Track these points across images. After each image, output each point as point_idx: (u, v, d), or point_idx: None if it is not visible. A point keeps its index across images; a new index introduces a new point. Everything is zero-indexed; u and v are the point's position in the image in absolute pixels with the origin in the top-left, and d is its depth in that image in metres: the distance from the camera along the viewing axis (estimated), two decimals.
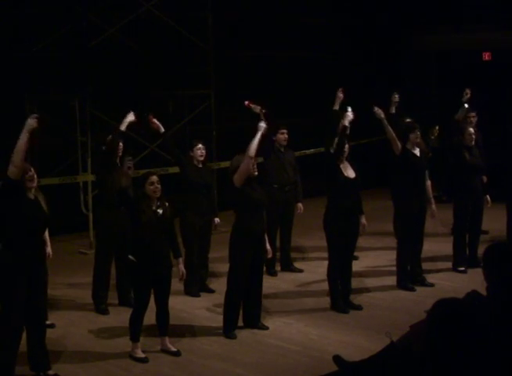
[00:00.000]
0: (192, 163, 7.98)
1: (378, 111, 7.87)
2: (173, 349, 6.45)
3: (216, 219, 8.26)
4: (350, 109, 7.51)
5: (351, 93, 9.26)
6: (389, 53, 14.88)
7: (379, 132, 8.54)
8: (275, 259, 8.60)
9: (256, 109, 7.61)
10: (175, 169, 8.81)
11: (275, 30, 13.50)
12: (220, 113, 11.77)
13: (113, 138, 7.50)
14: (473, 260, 8.70)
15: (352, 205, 7.40)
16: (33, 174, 5.72)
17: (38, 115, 5.58)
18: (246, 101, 7.79)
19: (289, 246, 9.12)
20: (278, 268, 8.96)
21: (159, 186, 6.32)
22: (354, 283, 7.77)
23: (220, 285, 7.89)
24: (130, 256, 6.36)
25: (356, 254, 8.59)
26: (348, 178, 7.39)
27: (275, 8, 13.48)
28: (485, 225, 9.35)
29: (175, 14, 11.46)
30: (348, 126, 7.48)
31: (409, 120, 8.96)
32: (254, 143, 6.67)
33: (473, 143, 8.69)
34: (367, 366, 3.52)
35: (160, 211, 6.31)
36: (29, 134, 5.45)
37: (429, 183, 8.30)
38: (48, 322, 6.52)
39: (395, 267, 8.24)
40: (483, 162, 8.88)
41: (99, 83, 10.34)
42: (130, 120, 7.61)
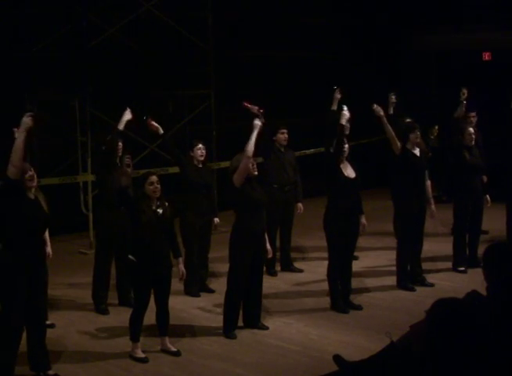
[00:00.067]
0: (192, 163, 7.98)
1: (377, 108, 7.86)
2: (173, 349, 6.45)
3: (216, 219, 8.26)
4: (346, 107, 7.51)
5: (351, 93, 9.26)
6: (389, 53, 14.88)
7: (379, 132, 8.54)
8: (275, 259, 8.60)
9: (253, 109, 7.61)
10: (175, 169, 8.81)
11: (275, 30, 13.49)
12: (220, 113, 11.77)
13: (112, 138, 7.51)
14: (473, 260, 8.70)
15: (352, 205, 7.39)
16: (33, 174, 5.72)
17: (34, 113, 5.57)
18: (243, 102, 7.80)
19: (289, 246, 9.12)
20: (278, 268, 8.96)
21: (159, 186, 6.32)
22: (354, 283, 7.77)
23: (220, 285, 7.89)
24: (130, 256, 6.36)
25: (356, 254, 8.59)
26: (348, 178, 7.38)
27: (275, 8, 13.48)
28: (485, 225, 9.35)
29: (175, 14, 11.46)
30: (346, 125, 7.48)
31: (409, 120, 8.97)
32: (251, 142, 6.66)
33: (473, 143, 8.70)
34: (367, 366, 3.52)
35: (160, 211, 6.31)
36: (26, 133, 5.45)
37: (429, 183, 8.31)
38: (48, 322, 6.52)
39: (395, 267, 8.24)
40: (483, 162, 8.89)
41: (99, 83, 10.34)
42: (127, 118, 7.62)
